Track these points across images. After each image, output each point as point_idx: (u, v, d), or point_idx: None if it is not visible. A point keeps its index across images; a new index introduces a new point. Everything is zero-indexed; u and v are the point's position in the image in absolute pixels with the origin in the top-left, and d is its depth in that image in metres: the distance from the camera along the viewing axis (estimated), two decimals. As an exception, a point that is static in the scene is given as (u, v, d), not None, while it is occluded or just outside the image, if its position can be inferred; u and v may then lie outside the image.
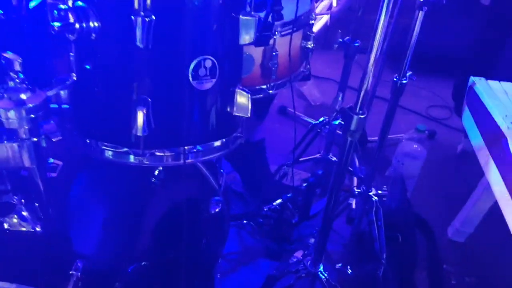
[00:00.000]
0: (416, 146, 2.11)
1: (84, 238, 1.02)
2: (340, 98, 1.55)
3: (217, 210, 1.35)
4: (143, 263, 1.19)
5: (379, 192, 1.59)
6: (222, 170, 1.42)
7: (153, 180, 1.22)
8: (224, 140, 0.99)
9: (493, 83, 1.30)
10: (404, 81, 1.34)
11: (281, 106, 2.95)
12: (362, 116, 0.97)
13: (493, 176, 1.10)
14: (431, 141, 2.64)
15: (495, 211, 1.91)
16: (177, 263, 1.23)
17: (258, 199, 2.08)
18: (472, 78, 1.34)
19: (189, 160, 0.94)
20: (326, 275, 1.35)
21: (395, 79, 1.35)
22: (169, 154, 0.93)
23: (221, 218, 1.38)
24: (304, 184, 1.98)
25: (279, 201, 1.93)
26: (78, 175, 1.05)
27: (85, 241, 1.00)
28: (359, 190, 1.62)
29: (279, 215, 2.00)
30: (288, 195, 1.93)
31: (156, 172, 1.22)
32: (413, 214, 1.95)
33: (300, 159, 2.14)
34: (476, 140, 1.22)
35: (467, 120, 1.34)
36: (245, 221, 1.98)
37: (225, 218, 1.44)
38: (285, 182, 2.22)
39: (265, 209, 1.93)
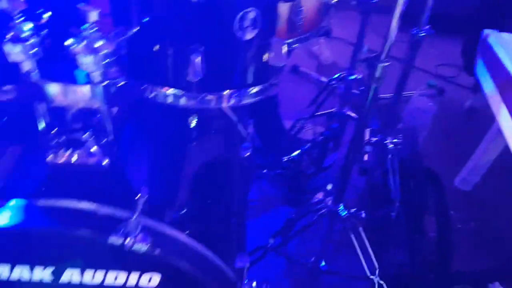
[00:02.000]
0: (426, 100, 2.21)
1: (138, 177, 1.14)
2: (365, 49, 1.63)
3: (247, 154, 1.47)
4: (183, 211, 1.28)
5: (395, 140, 1.70)
6: (250, 120, 1.54)
7: (191, 126, 1.34)
8: (261, 86, 1.09)
9: (505, 35, 1.39)
10: (422, 34, 1.43)
11: (293, 65, 3.04)
12: (387, 64, 1.07)
13: (505, 121, 1.21)
14: (440, 98, 2.74)
15: (500, 162, 2.04)
16: (214, 209, 1.35)
17: (275, 152, 2.20)
18: (485, 31, 1.43)
19: (231, 103, 1.05)
20: (346, 212, 1.48)
21: (413, 32, 1.43)
22: (213, 97, 1.03)
23: (250, 162, 1.50)
24: (321, 137, 2.10)
25: (297, 152, 2.05)
26: (129, 119, 1.16)
27: (139, 180, 1.12)
28: (375, 139, 1.73)
29: (296, 166, 2.12)
30: (306, 146, 2.05)
31: (194, 121, 1.34)
32: (423, 163, 2.08)
33: (316, 114, 2.24)
34: (489, 88, 1.32)
35: (481, 71, 1.44)
36: (264, 171, 2.10)
37: (253, 163, 1.56)
38: (301, 136, 2.34)
39: (284, 160, 2.04)
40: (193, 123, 1.31)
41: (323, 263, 1.67)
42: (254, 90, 1.09)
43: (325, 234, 1.65)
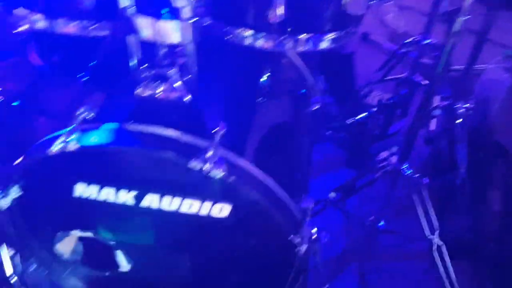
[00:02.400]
0: (502, 72, 2.13)
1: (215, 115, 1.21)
2: (446, 3, 1.58)
3: (316, 107, 1.50)
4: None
5: (466, 105, 1.66)
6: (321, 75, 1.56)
7: (264, 76, 1.39)
8: (338, 33, 1.12)
9: None
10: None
11: (363, 32, 3.00)
12: (467, 17, 1.06)
13: None
14: (517, 72, 2.62)
15: None
16: (282, 156, 1.39)
17: (341, 113, 2.18)
18: None
19: (307, 47, 1.08)
20: (411, 171, 1.49)
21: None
22: (290, 40, 1.06)
23: (318, 116, 1.54)
24: (388, 102, 2.09)
25: (363, 115, 2.05)
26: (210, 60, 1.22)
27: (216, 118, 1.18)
28: (445, 103, 1.70)
29: (361, 130, 2.12)
30: (373, 110, 2.05)
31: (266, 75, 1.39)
32: (493, 136, 2.02)
33: (385, 79, 2.22)
34: None
35: None
36: (329, 132, 2.12)
37: (321, 117, 1.58)
38: (368, 101, 2.32)
39: (350, 122, 2.05)
40: (266, 76, 1.36)
41: (382, 223, 1.69)
42: (331, 36, 1.11)
43: (386, 194, 1.66)
